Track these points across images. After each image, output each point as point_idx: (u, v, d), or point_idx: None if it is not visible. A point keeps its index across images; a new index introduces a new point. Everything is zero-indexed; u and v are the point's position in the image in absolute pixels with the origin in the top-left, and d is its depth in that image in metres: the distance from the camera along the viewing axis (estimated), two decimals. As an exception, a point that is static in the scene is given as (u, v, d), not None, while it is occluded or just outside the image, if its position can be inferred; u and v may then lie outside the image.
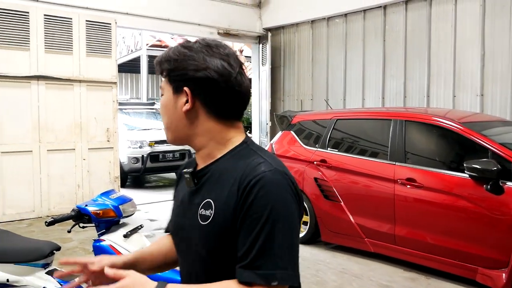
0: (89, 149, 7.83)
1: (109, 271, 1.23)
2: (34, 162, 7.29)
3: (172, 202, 1.51)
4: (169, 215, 1.57)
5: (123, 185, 9.35)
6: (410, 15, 8.07)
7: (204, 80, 1.25)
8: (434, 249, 4.63)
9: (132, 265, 1.46)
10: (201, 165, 1.34)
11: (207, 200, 1.25)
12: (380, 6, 8.46)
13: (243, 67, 1.32)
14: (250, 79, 1.40)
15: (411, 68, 8.12)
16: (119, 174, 8.26)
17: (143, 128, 11.00)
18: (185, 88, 1.27)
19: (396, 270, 4.98)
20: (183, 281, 1.37)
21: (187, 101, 1.27)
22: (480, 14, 7.13)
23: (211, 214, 1.22)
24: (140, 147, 10.11)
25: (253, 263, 1.12)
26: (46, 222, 2.72)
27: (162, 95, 1.34)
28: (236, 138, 1.32)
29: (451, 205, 4.50)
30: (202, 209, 1.25)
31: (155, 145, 10.20)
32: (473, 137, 4.54)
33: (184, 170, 1.35)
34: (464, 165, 4.34)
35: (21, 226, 6.73)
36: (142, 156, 10.05)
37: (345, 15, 9.13)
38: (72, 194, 7.67)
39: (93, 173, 7.88)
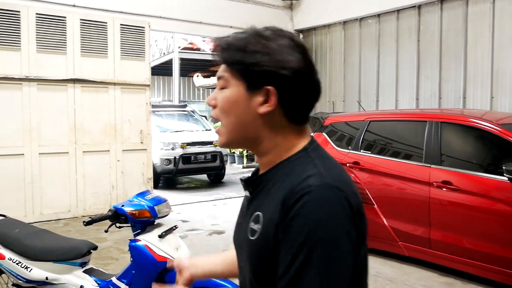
0: (123, 150, 7.97)
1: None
2: (70, 163, 7.47)
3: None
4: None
5: (155, 186, 9.47)
6: (446, 15, 7.92)
7: (288, 79, 1.09)
8: (471, 253, 4.52)
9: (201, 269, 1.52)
10: (261, 172, 1.20)
11: (257, 213, 1.12)
12: (414, 6, 8.33)
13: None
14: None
15: (446, 69, 7.96)
16: (152, 175, 8.38)
17: (175, 130, 11.12)
18: (270, 88, 1.09)
19: (432, 275, 4.87)
20: None
21: (265, 101, 1.11)
22: (519, 12, 6.94)
23: (258, 229, 1.09)
24: (173, 148, 10.23)
25: None
26: (84, 221, 2.78)
27: (222, 88, 1.15)
28: (300, 143, 1.16)
29: (489, 209, 4.38)
30: (252, 222, 1.12)
31: (187, 147, 10.31)
32: (512, 139, 4.41)
33: (241, 177, 1.22)
34: (503, 168, 4.23)
35: (57, 225, 6.90)
36: (174, 157, 10.17)
37: (378, 15, 9.03)
38: (107, 194, 7.82)
39: (127, 174, 8.02)
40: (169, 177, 11.17)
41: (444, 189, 4.68)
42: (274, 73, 1.08)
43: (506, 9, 7.12)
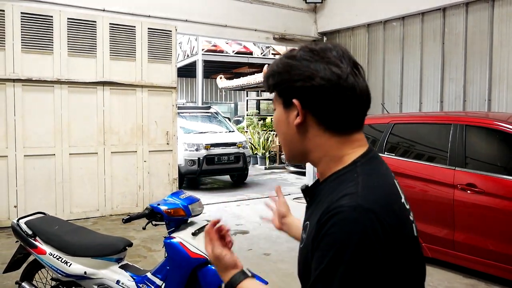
0: (149, 151, 8.16)
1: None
2: (99, 164, 7.68)
3: None
4: None
5: (179, 187, 9.63)
6: (471, 17, 7.89)
7: (311, 90, 1.12)
8: (495, 255, 4.54)
9: (289, 226, 1.68)
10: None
11: (307, 222, 1.17)
12: (439, 8, 8.32)
13: (358, 67, 1.17)
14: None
15: (471, 71, 7.93)
16: (177, 175, 8.54)
17: (199, 131, 11.29)
18: (294, 101, 1.15)
19: (455, 276, 4.90)
20: None
21: (297, 114, 1.16)
22: (546, 15, 6.89)
23: (304, 238, 1.16)
24: (197, 150, 10.39)
25: None
26: (123, 219, 2.91)
27: (274, 109, 1.27)
28: (351, 155, 1.16)
29: (514, 212, 4.40)
30: (303, 230, 1.19)
31: (210, 148, 10.46)
32: (538, 143, 4.42)
33: (302, 185, 1.32)
34: (529, 171, 4.25)
35: (86, 224, 7.09)
36: (198, 158, 10.33)
37: (403, 18, 9.03)
38: (134, 194, 8.01)
39: (153, 175, 8.20)
40: (193, 178, 11.32)
41: (469, 191, 4.71)
42: (296, 87, 1.14)
43: (532, 11, 7.08)
